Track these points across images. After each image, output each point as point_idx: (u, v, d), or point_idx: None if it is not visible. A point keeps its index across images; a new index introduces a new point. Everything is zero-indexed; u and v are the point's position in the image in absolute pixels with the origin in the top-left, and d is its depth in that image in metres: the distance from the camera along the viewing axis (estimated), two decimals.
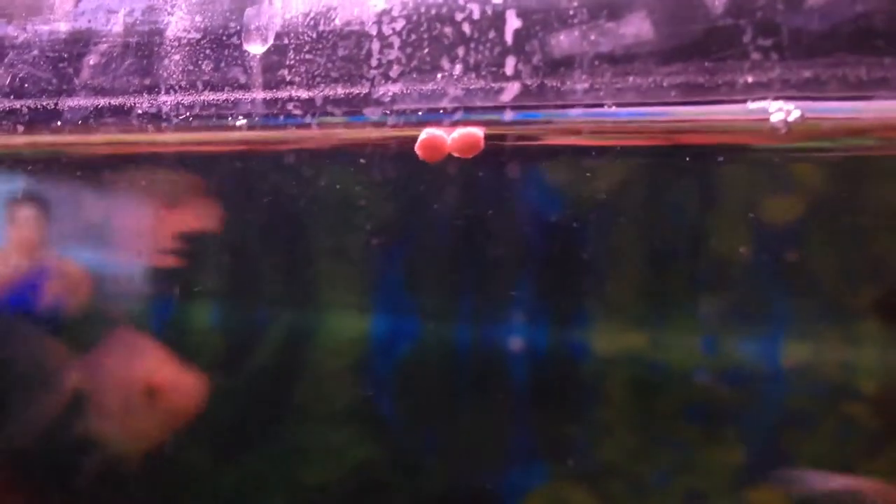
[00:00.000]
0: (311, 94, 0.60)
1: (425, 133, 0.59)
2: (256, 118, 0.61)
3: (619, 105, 0.53)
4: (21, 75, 0.66)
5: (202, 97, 0.62)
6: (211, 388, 0.76)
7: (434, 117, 0.58)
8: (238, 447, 0.76)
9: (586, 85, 0.54)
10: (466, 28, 0.56)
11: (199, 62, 0.62)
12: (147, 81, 0.63)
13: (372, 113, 0.59)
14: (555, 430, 0.68)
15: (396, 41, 0.57)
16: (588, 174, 0.62)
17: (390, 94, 0.58)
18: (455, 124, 0.58)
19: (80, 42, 0.65)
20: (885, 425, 0.60)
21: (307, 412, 0.74)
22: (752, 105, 0.52)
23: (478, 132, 0.58)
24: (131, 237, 0.77)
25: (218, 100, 0.62)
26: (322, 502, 0.74)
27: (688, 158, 0.57)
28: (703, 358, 0.63)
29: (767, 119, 0.51)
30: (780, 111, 0.50)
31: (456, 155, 0.59)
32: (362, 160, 0.64)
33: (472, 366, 0.69)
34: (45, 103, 0.66)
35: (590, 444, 0.67)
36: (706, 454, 0.63)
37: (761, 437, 0.63)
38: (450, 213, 0.68)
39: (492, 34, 0.55)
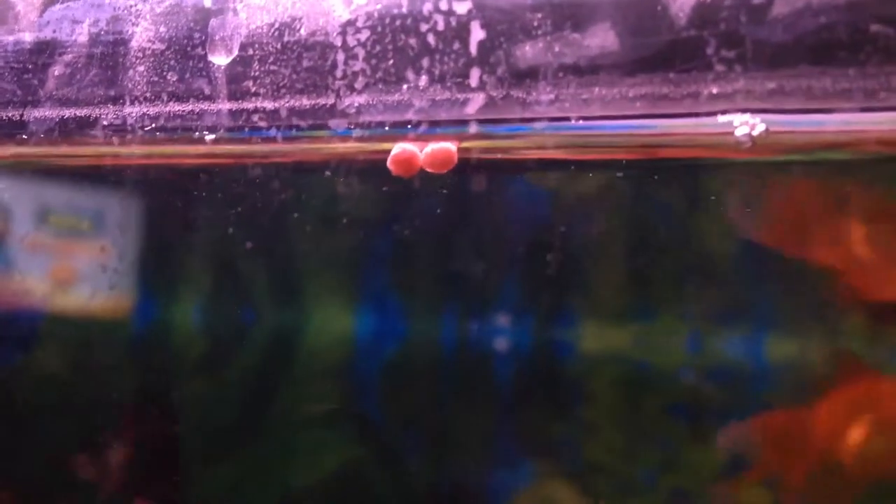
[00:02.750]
0: (276, 105, 0.59)
1: (398, 148, 0.58)
2: (221, 130, 0.60)
3: (583, 118, 0.53)
4: None
5: (167, 108, 0.61)
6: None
7: (401, 130, 0.58)
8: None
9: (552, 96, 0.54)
10: (432, 39, 0.56)
11: (164, 73, 0.61)
12: (111, 92, 0.62)
13: (338, 125, 0.58)
14: (541, 430, 0.67)
15: (361, 52, 0.57)
16: (554, 186, 0.62)
17: (356, 104, 0.58)
18: (421, 137, 0.57)
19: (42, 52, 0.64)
20: None
21: (294, 412, 0.74)
22: (721, 118, 0.51)
23: (451, 147, 0.58)
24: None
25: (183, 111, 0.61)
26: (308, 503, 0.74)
27: (652, 171, 0.57)
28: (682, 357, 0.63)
29: (732, 132, 0.50)
30: (745, 125, 0.50)
31: (429, 170, 0.58)
32: (328, 172, 0.64)
33: (457, 366, 0.69)
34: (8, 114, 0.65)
35: (576, 443, 0.66)
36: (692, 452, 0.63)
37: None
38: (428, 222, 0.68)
39: (457, 45, 0.55)
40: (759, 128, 0.50)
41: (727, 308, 0.62)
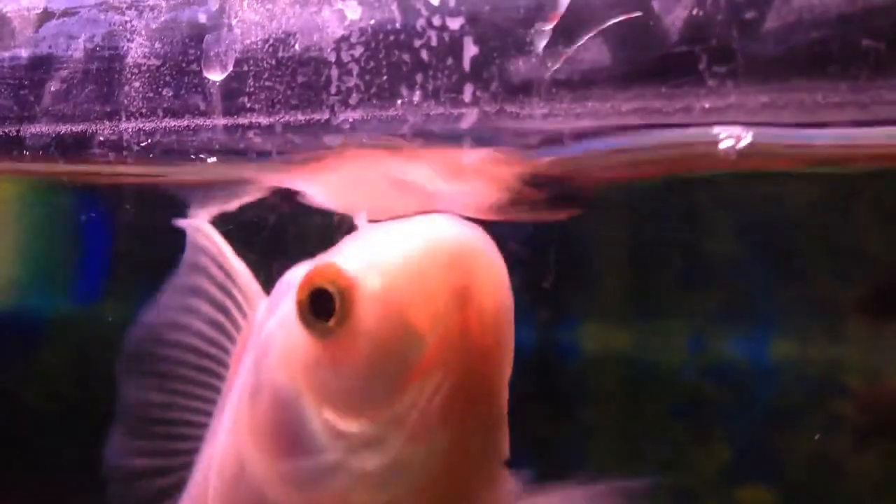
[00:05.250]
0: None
1: None
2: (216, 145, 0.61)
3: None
4: None
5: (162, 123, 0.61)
6: None
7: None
8: None
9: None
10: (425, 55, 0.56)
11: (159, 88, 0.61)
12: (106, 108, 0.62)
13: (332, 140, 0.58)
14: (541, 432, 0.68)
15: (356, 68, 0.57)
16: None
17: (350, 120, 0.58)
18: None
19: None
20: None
21: None
22: (714, 130, 0.51)
23: None
24: None
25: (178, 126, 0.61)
26: None
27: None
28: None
29: (716, 144, 0.50)
30: (730, 137, 0.50)
31: None
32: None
33: None
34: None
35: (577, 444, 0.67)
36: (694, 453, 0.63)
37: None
38: None
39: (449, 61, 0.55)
40: (745, 139, 0.50)
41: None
